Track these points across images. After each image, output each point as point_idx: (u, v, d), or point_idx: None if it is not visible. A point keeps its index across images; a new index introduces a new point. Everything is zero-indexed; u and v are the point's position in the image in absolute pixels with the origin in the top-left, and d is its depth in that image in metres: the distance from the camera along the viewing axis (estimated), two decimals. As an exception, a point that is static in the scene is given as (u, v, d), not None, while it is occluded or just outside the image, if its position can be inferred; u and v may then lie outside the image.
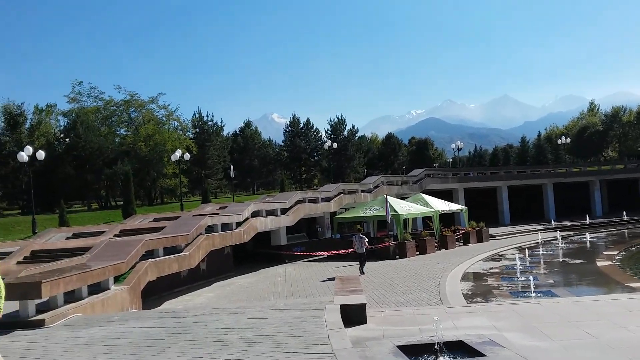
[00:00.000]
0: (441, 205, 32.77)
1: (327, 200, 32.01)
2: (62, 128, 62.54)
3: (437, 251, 28.19)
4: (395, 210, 27.85)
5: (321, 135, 78.81)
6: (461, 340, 8.13)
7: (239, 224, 23.19)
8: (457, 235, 31.25)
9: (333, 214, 32.14)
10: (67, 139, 56.93)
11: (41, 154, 34.36)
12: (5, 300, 9.78)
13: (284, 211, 27.57)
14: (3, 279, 7.63)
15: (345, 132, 78.15)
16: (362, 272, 20.38)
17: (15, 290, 9.73)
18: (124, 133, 62.38)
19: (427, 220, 32.64)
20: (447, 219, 36.58)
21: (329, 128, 78.50)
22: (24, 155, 32.40)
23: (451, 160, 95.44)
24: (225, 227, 22.23)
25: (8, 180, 54.39)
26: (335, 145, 59.82)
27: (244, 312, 9.92)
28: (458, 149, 63.47)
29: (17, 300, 9.84)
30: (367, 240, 22.04)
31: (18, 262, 19.17)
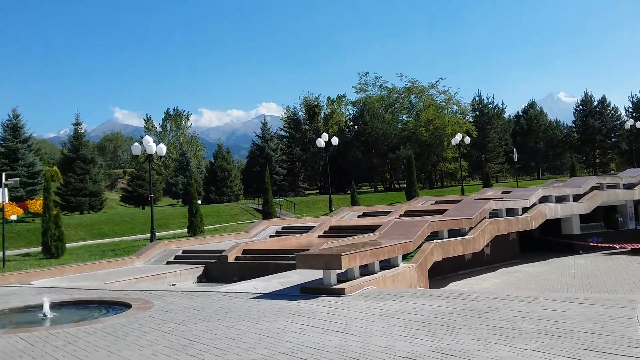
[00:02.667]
0: None
1: (631, 186, 27.99)
2: (351, 116, 68.14)
3: None
4: None
5: (620, 114, 69.40)
6: None
7: (525, 210, 21.90)
8: None
9: (638, 202, 27.99)
10: (356, 126, 61.78)
11: (335, 140, 37.91)
12: (313, 268, 11.00)
13: (576, 198, 25.05)
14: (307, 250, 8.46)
15: (653, 109, 67.28)
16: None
17: (319, 260, 10.83)
18: (406, 119, 64.84)
19: None
20: None
21: (630, 105, 68.55)
22: (321, 142, 36.23)
23: None
24: (510, 212, 21.22)
25: (308, 164, 61.73)
26: (638, 124, 51.95)
27: (538, 302, 9.21)
28: None
29: (321, 270, 10.93)
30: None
31: (319, 236, 21.51)
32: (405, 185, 45.34)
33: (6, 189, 17.78)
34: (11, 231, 25.99)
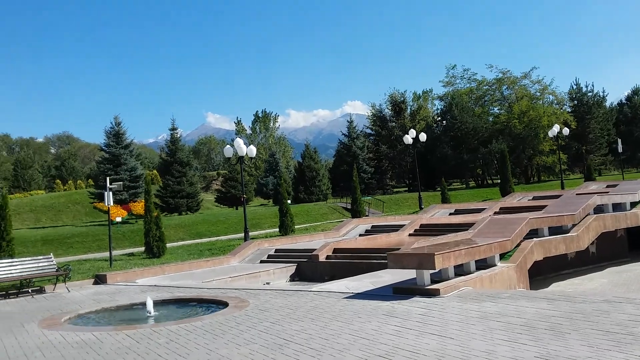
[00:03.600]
0: None
1: None
2: (438, 111, 66.59)
3: None
4: None
5: None
6: None
7: (633, 205, 20.30)
8: None
9: None
10: (444, 121, 60.29)
11: (423, 136, 37.13)
12: (405, 268, 10.75)
13: (694, 190, 22.87)
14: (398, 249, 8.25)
15: None
16: None
17: (412, 260, 10.58)
18: (497, 111, 62.39)
19: None
20: None
21: None
22: (408, 138, 35.61)
23: None
24: (617, 207, 19.74)
25: (396, 161, 61.04)
26: None
27: (655, 306, 8.44)
28: None
29: (413, 269, 10.67)
30: None
31: (410, 234, 21.11)
32: (499, 181, 43.57)
33: (111, 193, 18.94)
34: (117, 232, 27.73)
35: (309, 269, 18.12)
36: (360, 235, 23.30)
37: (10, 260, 15.38)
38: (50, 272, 15.06)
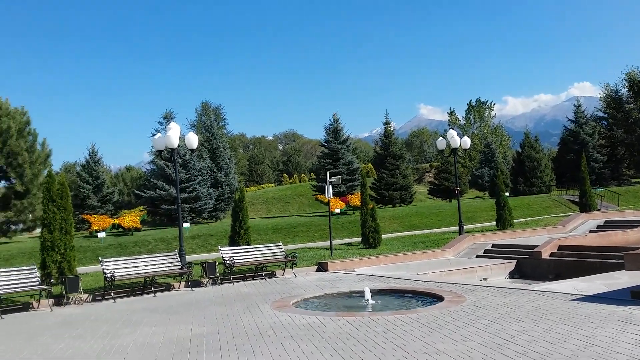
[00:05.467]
0: None
1: None
2: None
3: None
4: None
5: None
6: None
7: None
8: None
9: None
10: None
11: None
12: None
13: None
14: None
15: None
16: None
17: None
18: None
19: None
20: None
21: None
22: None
23: None
24: None
25: (634, 148, 53.77)
26: None
27: None
28: None
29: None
30: None
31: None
32: None
33: (331, 186, 20.12)
34: (336, 223, 29.38)
35: (530, 267, 16.98)
36: (590, 231, 21.13)
37: (247, 247, 17.35)
38: (280, 259, 16.61)
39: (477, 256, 18.99)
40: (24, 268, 13.36)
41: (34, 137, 30.55)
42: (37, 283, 12.92)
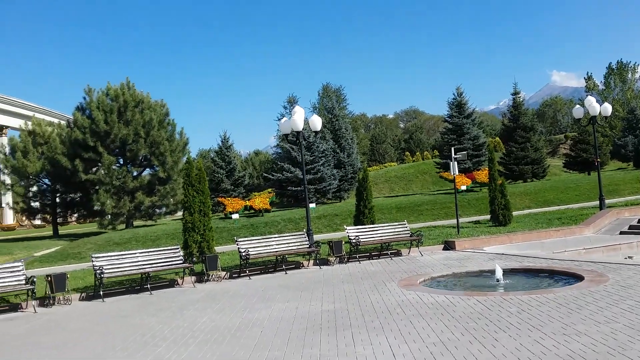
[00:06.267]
0: None
1: None
2: None
3: None
4: None
5: None
6: None
7: None
8: None
9: None
10: None
11: None
12: None
13: None
14: None
15: None
16: None
17: None
18: None
19: None
20: None
21: None
22: None
23: None
24: None
25: None
26: None
27: None
28: None
29: None
30: None
31: None
32: None
33: (456, 162, 19.54)
34: (462, 200, 28.52)
35: (686, 243, 15.31)
36: None
37: (372, 226, 17.47)
38: (405, 237, 16.53)
39: (621, 233, 17.51)
40: (169, 248, 14.59)
41: (173, 127, 33.02)
42: (181, 261, 14.06)
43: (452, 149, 20.26)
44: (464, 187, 32.70)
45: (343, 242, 15.93)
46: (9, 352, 8.24)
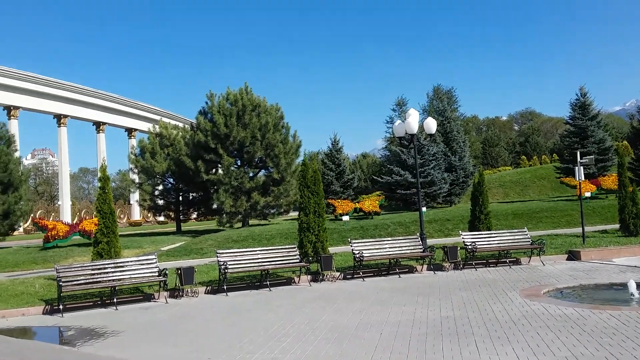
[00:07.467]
0: None
1: None
2: None
3: None
4: None
5: None
6: None
7: None
8: None
9: None
10: None
11: None
12: None
13: None
14: None
15: None
16: None
17: None
18: None
19: None
20: None
21: None
22: None
23: None
24: None
25: None
26: None
27: None
28: None
29: None
30: None
31: None
32: None
33: (582, 167, 18.38)
34: (586, 208, 26.70)
35: None
36: None
37: (489, 232, 16.92)
38: (525, 245, 15.84)
39: None
40: (287, 247, 15.11)
41: (287, 130, 34.04)
42: (298, 260, 14.50)
43: (578, 153, 19.11)
44: (588, 194, 30.69)
45: (458, 248, 15.59)
46: (163, 335, 9.00)
